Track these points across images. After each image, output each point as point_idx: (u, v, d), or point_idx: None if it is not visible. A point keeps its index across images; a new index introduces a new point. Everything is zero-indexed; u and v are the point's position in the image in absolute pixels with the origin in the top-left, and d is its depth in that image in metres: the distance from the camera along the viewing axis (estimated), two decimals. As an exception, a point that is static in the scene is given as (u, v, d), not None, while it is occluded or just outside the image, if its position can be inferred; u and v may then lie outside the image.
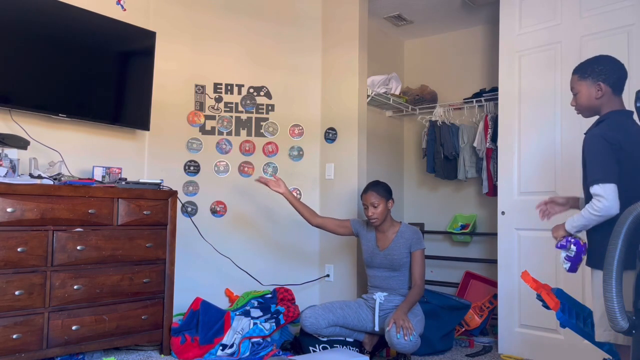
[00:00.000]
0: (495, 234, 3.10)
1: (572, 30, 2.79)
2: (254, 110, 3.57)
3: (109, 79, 3.02)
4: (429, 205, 4.33)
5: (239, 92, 3.56)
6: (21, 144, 2.50)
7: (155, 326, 2.76)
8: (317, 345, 2.78)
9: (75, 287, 2.46)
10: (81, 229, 2.49)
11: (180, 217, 3.21)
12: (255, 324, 2.87)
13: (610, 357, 1.95)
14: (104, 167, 2.88)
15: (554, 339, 2.75)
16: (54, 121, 2.86)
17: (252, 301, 3.14)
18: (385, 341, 2.66)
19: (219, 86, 3.53)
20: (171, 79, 3.41)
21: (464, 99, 3.92)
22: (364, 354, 2.77)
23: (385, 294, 2.76)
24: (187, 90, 3.47)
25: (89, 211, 2.51)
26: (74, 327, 2.44)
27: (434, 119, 3.98)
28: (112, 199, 2.61)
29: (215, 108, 3.51)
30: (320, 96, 3.66)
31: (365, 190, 2.83)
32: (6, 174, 2.38)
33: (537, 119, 2.91)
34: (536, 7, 2.95)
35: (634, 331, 1.33)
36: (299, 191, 3.59)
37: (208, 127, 3.49)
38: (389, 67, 4.26)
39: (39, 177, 2.48)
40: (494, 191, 3.59)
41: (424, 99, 4.14)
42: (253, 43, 3.59)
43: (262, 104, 3.58)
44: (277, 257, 3.54)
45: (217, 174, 3.49)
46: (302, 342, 2.85)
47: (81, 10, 2.86)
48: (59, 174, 2.62)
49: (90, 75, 2.92)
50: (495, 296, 3.25)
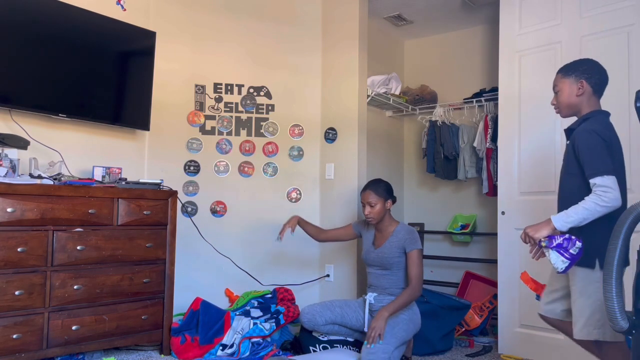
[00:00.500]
0: (495, 234, 3.10)
1: (572, 30, 2.79)
2: (254, 110, 3.57)
3: (109, 79, 3.02)
4: (429, 205, 4.33)
5: (239, 92, 3.56)
6: (21, 144, 2.50)
7: (155, 326, 2.76)
8: (317, 345, 2.78)
9: (75, 287, 2.46)
10: (81, 229, 2.49)
11: (180, 217, 3.21)
12: (255, 324, 2.87)
13: None
14: (104, 167, 2.88)
15: (554, 339, 2.75)
16: (54, 121, 2.86)
17: (252, 301, 3.14)
18: None
19: (219, 86, 3.53)
20: (171, 79, 3.41)
21: (464, 99, 3.92)
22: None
23: (376, 294, 2.74)
24: (187, 90, 3.47)
25: (89, 211, 2.51)
26: (74, 327, 2.44)
27: (434, 119, 3.98)
28: (112, 199, 2.61)
29: (215, 108, 3.51)
30: (320, 96, 3.66)
31: (365, 189, 2.79)
32: (6, 174, 2.38)
33: (537, 119, 2.90)
34: (536, 7, 2.95)
35: (634, 331, 1.33)
36: (299, 191, 3.59)
37: (208, 127, 3.49)
38: (389, 67, 4.26)
39: (39, 177, 2.48)
40: (494, 191, 3.59)
41: (424, 99, 4.14)
42: (253, 43, 3.59)
43: (262, 104, 3.58)
44: (277, 257, 3.54)
45: (217, 174, 3.49)
46: (302, 342, 2.85)
47: (81, 10, 2.86)
48: (59, 174, 2.62)
49: (90, 75, 2.92)
50: (495, 296, 3.25)
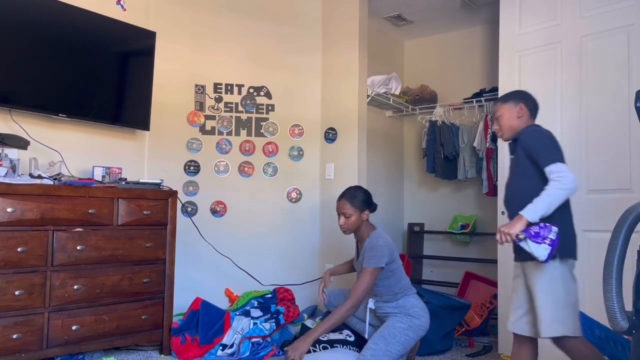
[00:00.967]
0: (495, 234, 3.09)
1: (572, 30, 2.79)
2: (254, 110, 3.57)
3: (109, 79, 3.02)
4: (429, 205, 4.33)
5: (239, 92, 3.56)
6: (21, 144, 2.50)
7: (155, 326, 2.76)
8: (317, 345, 2.78)
9: (75, 287, 2.46)
10: (81, 229, 2.49)
11: (180, 217, 3.21)
12: (255, 324, 2.87)
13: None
14: (104, 167, 2.88)
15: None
16: (54, 121, 2.86)
17: (252, 301, 3.14)
18: None
19: (219, 86, 3.53)
20: (171, 79, 3.41)
21: (464, 99, 3.92)
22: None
23: (375, 300, 2.74)
24: (187, 90, 3.47)
25: (89, 211, 2.51)
26: (74, 327, 2.44)
27: (434, 119, 3.99)
28: (112, 199, 2.61)
29: (215, 108, 3.51)
30: (320, 96, 3.66)
31: (340, 197, 2.63)
32: (6, 174, 2.38)
33: (537, 119, 2.90)
34: (536, 7, 2.95)
35: (634, 331, 1.33)
36: (299, 191, 3.59)
37: (208, 127, 3.49)
38: (389, 67, 4.26)
39: (39, 177, 2.48)
40: (494, 191, 3.59)
41: (424, 99, 4.14)
42: (253, 43, 3.59)
43: (262, 104, 3.58)
44: (277, 257, 3.54)
45: (217, 174, 3.49)
46: (302, 342, 2.85)
47: (81, 10, 2.86)
48: (59, 174, 2.62)
49: (90, 75, 2.92)
50: (495, 296, 3.25)
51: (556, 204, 1.83)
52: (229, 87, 3.54)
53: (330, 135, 3.58)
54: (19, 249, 2.28)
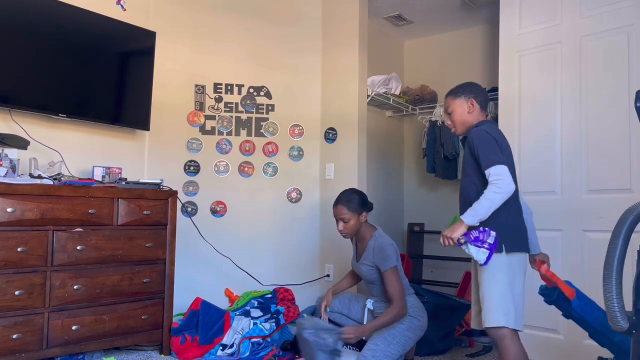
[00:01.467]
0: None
1: (572, 30, 2.79)
2: (254, 110, 3.57)
3: (109, 78, 3.02)
4: (429, 205, 4.32)
5: (239, 92, 3.56)
6: (21, 144, 2.50)
7: (155, 326, 2.76)
8: (317, 345, 2.78)
9: (75, 287, 2.46)
10: (81, 229, 2.49)
11: (180, 217, 3.21)
12: (255, 324, 2.87)
13: (612, 357, 1.95)
14: (104, 167, 2.88)
15: (554, 339, 2.75)
16: (54, 121, 2.86)
17: (252, 301, 3.14)
18: None
19: (219, 86, 3.53)
20: (171, 79, 3.41)
21: (464, 99, 3.92)
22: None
23: (373, 300, 2.73)
24: (187, 90, 3.47)
25: (89, 211, 2.51)
26: (74, 327, 2.44)
27: (434, 119, 3.99)
28: (112, 199, 2.61)
29: (215, 108, 3.51)
30: (320, 96, 3.66)
31: (336, 203, 2.60)
32: (6, 174, 2.38)
33: (537, 119, 2.90)
34: (536, 7, 2.95)
35: (634, 331, 1.33)
36: (299, 191, 3.59)
37: (208, 127, 3.49)
38: (389, 67, 4.26)
39: (39, 177, 2.48)
40: (494, 191, 3.58)
41: (424, 99, 4.14)
42: (253, 43, 3.59)
43: (262, 104, 3.58)
44: (277, 257, 3.54)
45: (217, 174, 3.49)
46: (302, 342, 2.85)
47: (81, 10, 2.86)
48: (59, 174, 2.62)
49: (90, 75, 2.92)
50: (495, 296, 3.25)
51: (494, 207, 1.87)
52: (229, 87, 3.54)
53: (330, 135, 3.58)
54: (19, 249, 2.28)
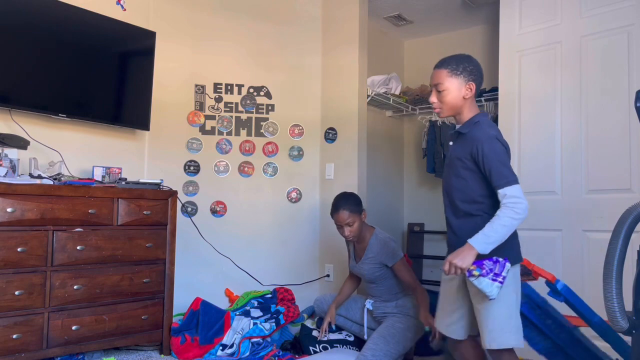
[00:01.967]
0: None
1: (572, 30, 2.79)
2: (254, 110, 3.57)
3: (109, 79, 3.02)
4: (429, 205, 4.32)
5: (239, 92, 3.55)
6: (21, 144, 2.50)
7: (155, 326, 2.76)
8: (317, 345, 2.78)
9: (75, 287, 2.45)
10: (81, 229, 2.49)
11: (180, 217, 3.21)
12: (255, 324, 2.87)
13: (619, 357, 1.94)
14: (104, 167, 2.88)
15: (554, 339, 2.75)
16: (54, 121, 2.86)
17: (252, 301, 3.14)
18: None
19: (219, 86, 3.53)
20: (171, 79, 3.41)
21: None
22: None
23: (373, 300, 2.74)
24: (187, 90, 3.47)
25: (89, 211, 2.51)
26: (74, 327, 2.44)
27: (434, 119, 3.99)
28: (112, 199, 2.61)
29: (215, 108, 3.51)
30: (320, 96, 3.66)
31: (336, 209, 2.58)
32: (6, 174, 2.38)
33: (537, 119, 2.90)
34: (536, 7, 2.95)
35: (634, 331, 1.34)
36: (299, 191, 3.59)
37: (208, 127, 3.49)
38: (389, 67, 4.26)
39: (39, 177, 2.48)
40: (494, 191, 3.58)
41: (423, 99, 4.14)
42: (253, 43, 3.59)
43: (262, 104, 3.58)
44: (277, 257, 3.54)
45: (217, 174, 3.49)
46: (302, 342, 2.85)
47: (81, 10, 2.86)
48: (59, 174, 2.62)
49: (91, 75, 2.92)
50: (495, 296, 3.24)
51: (509, 234, 1.67)
52: (229, 87, 3.54)
53: (330, 135, 3.58)
54: (19, 249, 2.27)
